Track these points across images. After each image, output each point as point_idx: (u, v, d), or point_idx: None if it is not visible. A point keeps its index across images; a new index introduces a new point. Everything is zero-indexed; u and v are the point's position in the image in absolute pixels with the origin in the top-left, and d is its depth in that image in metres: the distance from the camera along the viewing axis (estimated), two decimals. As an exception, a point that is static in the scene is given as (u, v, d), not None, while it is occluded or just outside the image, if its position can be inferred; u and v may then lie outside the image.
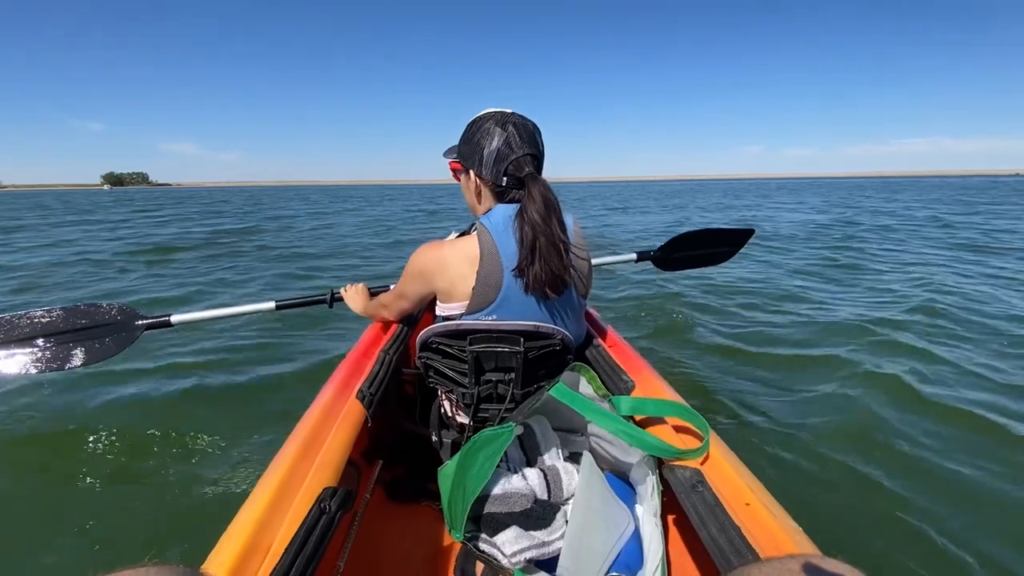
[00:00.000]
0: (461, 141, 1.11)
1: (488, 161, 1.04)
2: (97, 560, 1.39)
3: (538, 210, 0.98)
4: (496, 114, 1.07)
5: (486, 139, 1.04)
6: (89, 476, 1.78)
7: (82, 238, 9.68)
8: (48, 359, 1.88)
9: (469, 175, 1.09)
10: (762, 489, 0.79)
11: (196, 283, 5.32)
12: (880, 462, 1.81)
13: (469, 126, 1.09)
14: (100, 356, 1.94)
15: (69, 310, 1.95)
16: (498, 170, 1.03)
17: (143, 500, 1.65)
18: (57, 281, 5.53)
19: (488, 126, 1.04)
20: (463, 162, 1.11)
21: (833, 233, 9.04)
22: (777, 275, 5.41)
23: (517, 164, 1.03)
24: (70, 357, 1.90)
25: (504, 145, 1.02)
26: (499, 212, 1.04)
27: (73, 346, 1.91)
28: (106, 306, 1.99)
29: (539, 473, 0.99)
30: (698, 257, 2.36)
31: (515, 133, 1.03)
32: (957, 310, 3.70)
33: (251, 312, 1.94)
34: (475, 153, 1.05)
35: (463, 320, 1.05)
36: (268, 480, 0.78)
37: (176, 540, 1.46)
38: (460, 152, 1.12)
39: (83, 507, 1.62)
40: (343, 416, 0.99)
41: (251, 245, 8.46)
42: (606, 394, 1.03)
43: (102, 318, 1.96)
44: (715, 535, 0.69)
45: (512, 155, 1.02)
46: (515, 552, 0.86)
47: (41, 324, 1.91)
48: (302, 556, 0.63)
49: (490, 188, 1.07)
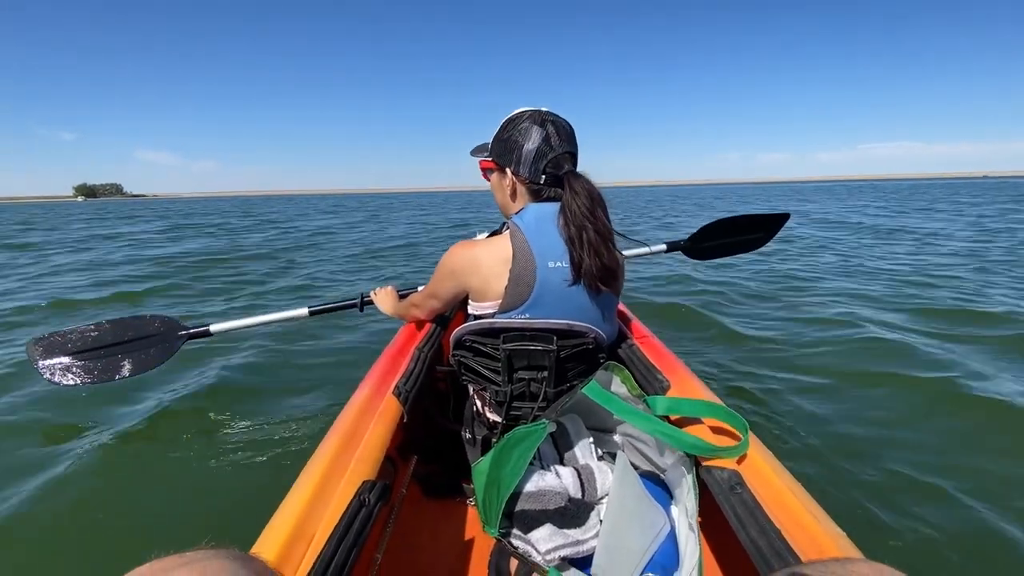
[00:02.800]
0: (496, 139, 1.10)
1: (527, 159, 1.04)
2: (157, 543, 1.46)
3: (584, 204, 0.99)
4: (532, 112, 1.06)
5: (525, 137, 1.04)
6: (146, 467, 1.88)
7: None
8: (100, 371, 2.00)
9: (504, 173, 1.09)
10: (803, 491, 0.77)
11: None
12: (933, 470, 1.72)
13: (505, 124, 1.08)
14: (146, 366, 2.05)
15: (116, 323, 2.07)
16: (537, 168, 1.04)
17: (192, 488, 1.74)
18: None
19: (526, 124, 1.04)
20: (497, 160, 1.10)
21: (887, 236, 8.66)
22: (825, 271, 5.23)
23: (556, 162, 1.03)
24: (119, 368, 2.01)
25: (543, 143, 1.03)
26: (532, 211, 1.05)
27: (122, 358, 2.02)
28: (149, 318, 2.11)
29: (573, 471, 0.99)
30: (730, 245, 2.27)
31: (554, 131, 1.04)
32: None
33: (286, 319, 2.02)
34: (512, 151, 1.05)
35: (496, 318, 1.06)
36: (310, 472, 0.81)
37: (223, 527, 1.53)
38: (494, 150, 1.11)
39: (140, 494, 1.72)
40: (380, 412, 1.02)
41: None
42: (641, 394, 1.02)
43: (146, 330, 2.06)
44: (755, 537, 0.67)
45: (551, 153, 1.03)
46: (549, 550, 0.87)
47: (91, 338, 2.02)
48: (343, 546, 0.66)
49: (526, 186, 1.07)
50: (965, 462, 1.76)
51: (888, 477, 1.69)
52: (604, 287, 1.03)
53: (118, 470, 1.84)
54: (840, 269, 5.54)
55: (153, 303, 4.69)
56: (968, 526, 1.46)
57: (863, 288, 4.46)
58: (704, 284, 4.67)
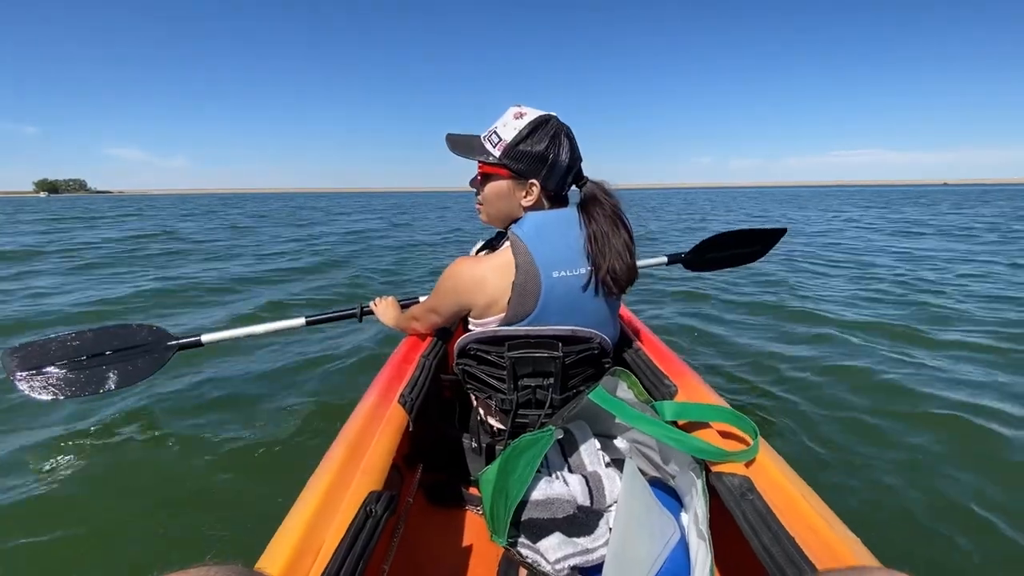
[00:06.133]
0: (516, 148, 1.01)
1: (560, 171, 1.02)
2: (161, 560, 1.45)
3: (610, 208, 1.02)
4: (555, 121, 1.03)
5: (557, 149, 1.01)
6: (146, 481, 1.86)
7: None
8: (83, 383, 1.85)
9: (522, 183, 1.03)
10: (815, 497, 0.76)
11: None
12: (950, 477, 1.70)
13: (528, 133, 1.00)
14: (134, 379, 1.91)
15: (100, 332, 1.92)
16: (565, 180, 1.04)
17: (196, 502, 1.72)
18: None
19: (555, 134, 1.01)
20: (520, 169, 1.02)
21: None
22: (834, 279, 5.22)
23: (580, 172, 1.06)
24: (104, 380, 1.87)
25: (570, 154, 1.03)
26: (531, 220, 1.03)
27: (107, 369, 1.88)
28: (136, 327, 1.97)
29: (581, 479, 0.98)
30: (728, 258, 2.36)
31: (573, 140, 1.04)
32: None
33: (281, 329, 1.93)
34: (543, 163, 1.01)
35: (500, 328, 1.05)
36: (316, 483, 0.80)
37: (228, 541, 1.52)
38: (514, 158, 1.01)
39: (141, 509, 1.70)
40: (386, 421, 1.01)
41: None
42: (648, 399, 1.02)
43: (133, 340, 1.92)
44: (767, 544, 0.66)
45: (576, 164, 1.05)
46: (559, 559, 0.86)
47: (73, 348, 1.87)
48: (350, 558, 0.65)
49: (547, 196, 1.06)
50: (984, 472, 1.72)
51: (902, 483, 1.67)
52: (621, 292, 1.05)
53: (117, 484, 1.81)
54: (844, 274, 5.53)
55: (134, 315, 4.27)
56: (989, 536, 1.43)
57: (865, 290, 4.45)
58: (710, 289, 4.66)
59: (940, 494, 1.59)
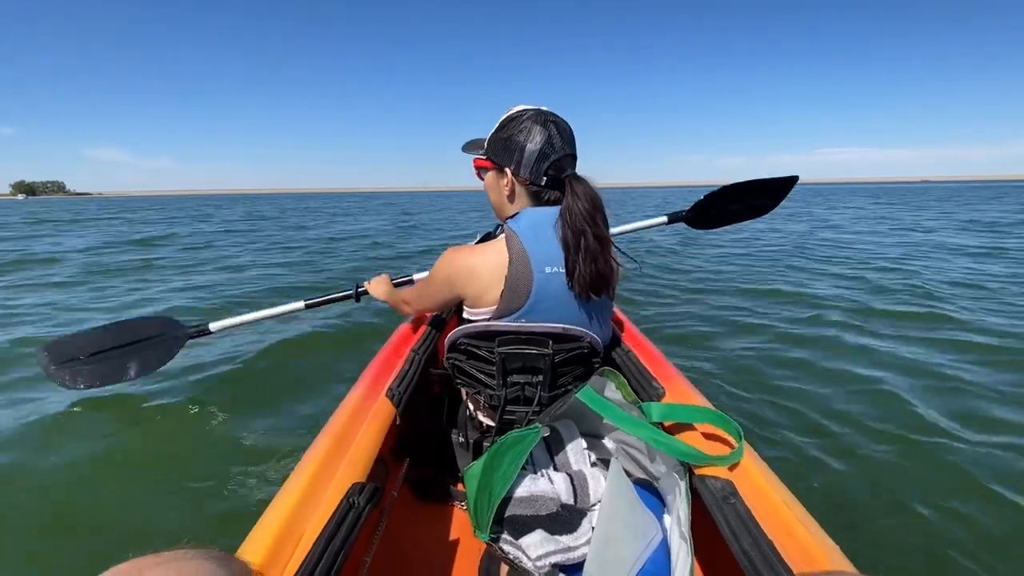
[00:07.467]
0: (494, 137, 1.07)
1: (529, 160, 1.01)
2: (136, 544, 1.45)
3: (585, 209, 0.97)
4: (533, 111, 1.04)
5: (527, 137, 1.01)
6: (132, 467, 1.86)
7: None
8: (108, 373, 2.06)
9: (503, 173, 1.06)
10: (796, 503, 0.76)
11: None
12: (929, 484, 1.72)
13: (505, 122, 1.05)
14: (151, 366, 2.11)
15: (119, 326, 2.13)
16: (539, 170, 1.02)
17: (178, 489, 1.71)
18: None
19: (527, 123, 1.02)
20: (495, 159, 1.07)
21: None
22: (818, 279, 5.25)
23: (558, 165, 1.02)
24: (126, 369, 2.08)
25: (546, 144, 1.01)
26: (527, 215, 1.03)
27: (127, 359, 2.08)
28: (151, 319, 2.18)
29: (565, 477, 0.99)
30: (735, 212, 2.14)
31: (556, 132, 1.02)
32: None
33: (283, 313, 2.04)
34: (513, 151, 1.03)
35: (492, 322, 1.05)
36: (300, 473, 0.80)
37: (210, 527, 1.51)
38: (492, 148, 1.07)
39: (120, 494, 1.70)
40: (373, 413, 1.01)
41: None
42: (635, 400, 1.02)
43: (149, 331, 2.12)
44: (747, 548, 0.67)
45: (554, 155, 1.01)
46: (540, 556, 0.86)
47: (97, 341, 2.07)
48: (331, 549, 0.65)
49: (526, 188, 1.05)
50: (968, 477, 1.74)
51: (882, 490, 1.69)
52: (595, 295, 1.02)
53: (102, 470, 1.82)
54: (834, 273, 5.56)
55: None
56: (968, 542, 1.44)
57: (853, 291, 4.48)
58: (701, 283, 4.69)
59: (922, 502, 1.61)
